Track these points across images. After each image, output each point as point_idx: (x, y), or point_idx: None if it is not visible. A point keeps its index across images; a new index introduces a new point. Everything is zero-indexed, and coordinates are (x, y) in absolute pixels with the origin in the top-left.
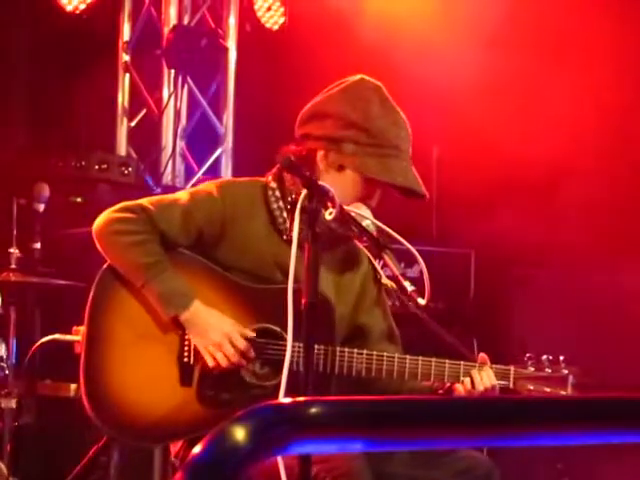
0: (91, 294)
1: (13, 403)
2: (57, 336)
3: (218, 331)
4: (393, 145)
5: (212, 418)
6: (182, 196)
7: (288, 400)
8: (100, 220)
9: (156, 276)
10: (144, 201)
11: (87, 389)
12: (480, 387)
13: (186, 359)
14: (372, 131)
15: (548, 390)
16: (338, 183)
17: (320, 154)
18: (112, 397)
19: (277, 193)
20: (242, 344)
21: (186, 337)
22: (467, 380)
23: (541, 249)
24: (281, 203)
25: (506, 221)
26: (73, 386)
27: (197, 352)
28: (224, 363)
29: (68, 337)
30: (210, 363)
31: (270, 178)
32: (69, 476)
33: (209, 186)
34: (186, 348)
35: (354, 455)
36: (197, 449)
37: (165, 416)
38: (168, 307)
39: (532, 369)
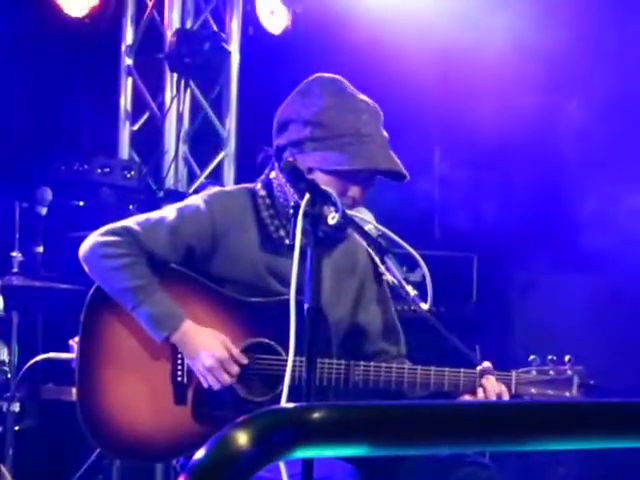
0: (82, 315)
1: (16, 407)
2: (52, 354)
3: (209, 354)
4: (352, 132)
5: (208, 435)
6: (169, 213)
7: (291, 405)
8: (86, 244)
9: (145, 299)
10: (130, 222)
11: (82, 411)
12: (492, 396)
13: (180, 378)
14: (326, 123)
15: (551, 393)
16: None
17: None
18: (107, 418)
19: (267, 201)
20: (234, 369)
21: (179, 356)
22: (480, 390)
23: (544, 253)
24: (272, 210)
25: (509, 223)
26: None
27: (190, 371)
28: (216, 386)
29: (62, 355)
30: (205, 385)
31: (259, 185)
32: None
33: (197, 199)
34: (179, 367)
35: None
36: (199, 454)
37: (161, 435)
38: (158, 329)
39: (535, 373)
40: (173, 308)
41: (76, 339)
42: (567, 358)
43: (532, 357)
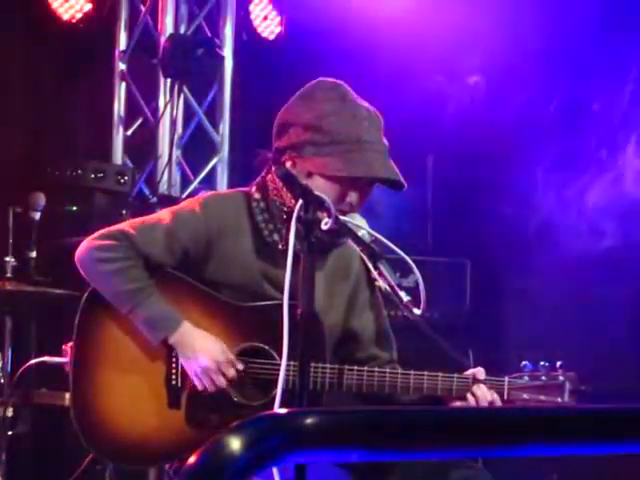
0: (77, 318)
1: (9, 412)
2: (46, 358)
3: (207, 356)
4: (353, 139)
5: (202, 439)
6: (165, 216)
7: (284, 410)
8: (82, 248)
9: (142, 302)
10: (126, 225)
11: (76, 414)
12: (483, 405)
13: (174, 382)
14: (327, 129)
15: (543, 398)
16: None
17: (289, 165)
18: (101, 421)
19: (262, 204)
20: (231, 372)
21: (173, 360)
22: (470, 398)
23: (538, 258)
24: (266, 214)
25: (502, 229)
26: (68, 395)
27: (185, 375)
28: (211, 389)
29: (56, 359)
30: (199, 387)
31: (254, 189)
32: None
33: (192, 203)
34: (174, 371)
35: None
36: (192, 458)
37: (155, 439)
38: (156, 332)
39: (527, 378)
40: (170, 310)
41: (69, 344)
42: (558, 364)
43: (524, 363)
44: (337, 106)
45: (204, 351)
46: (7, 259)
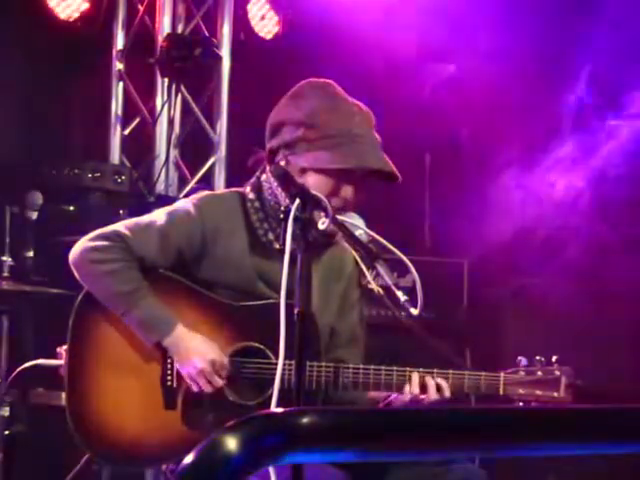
0: (71, 320)
1: (5, 411)
2: (40, 361)
3: (201, 358)
4: (344, 132)
5: (198, 439)
6: (159, 217)
7: (280, 410)
8: (76, 249)
9: (136, 304)
10: (120, 226)
11: (71, 417)
12: (414, 391)
13: (169, 383)
14: (318, 124)
15: (539, 393)
16: None
17: (283, 164)
18: (97, 423)
19: (256, 204)
20: (225, 372)
21: (168, 361)
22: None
23: (534, 258)
24: (261, 214)
25: (500, 229)
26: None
27: (180, 375)
28: (207, 390)
29: (51, 362)
30: (194, 389)
31: (248, 189)
32: None
33: (186, 204)
34: (169, 372)
35: None
36: (188, 458)
37: (151, 440)
38: (150, 334)
39: (522, 373)
40: (165, 312)
41: (64, 346)
42: (554, 359)
43: (520, 358)
44: (328, 103)
45: (198, 353)
46: (4, 259)
